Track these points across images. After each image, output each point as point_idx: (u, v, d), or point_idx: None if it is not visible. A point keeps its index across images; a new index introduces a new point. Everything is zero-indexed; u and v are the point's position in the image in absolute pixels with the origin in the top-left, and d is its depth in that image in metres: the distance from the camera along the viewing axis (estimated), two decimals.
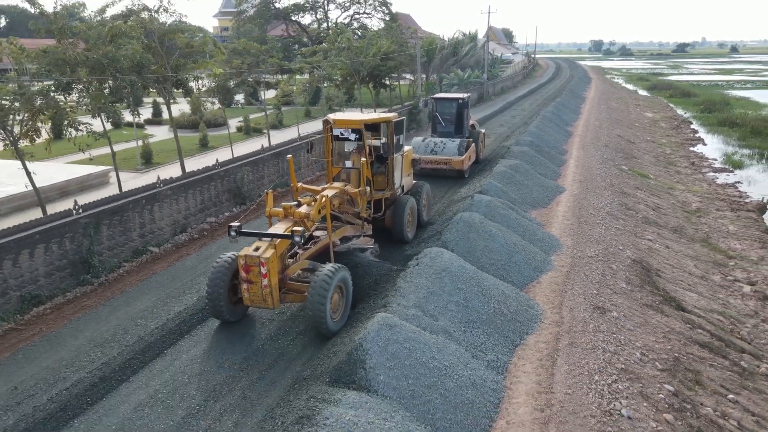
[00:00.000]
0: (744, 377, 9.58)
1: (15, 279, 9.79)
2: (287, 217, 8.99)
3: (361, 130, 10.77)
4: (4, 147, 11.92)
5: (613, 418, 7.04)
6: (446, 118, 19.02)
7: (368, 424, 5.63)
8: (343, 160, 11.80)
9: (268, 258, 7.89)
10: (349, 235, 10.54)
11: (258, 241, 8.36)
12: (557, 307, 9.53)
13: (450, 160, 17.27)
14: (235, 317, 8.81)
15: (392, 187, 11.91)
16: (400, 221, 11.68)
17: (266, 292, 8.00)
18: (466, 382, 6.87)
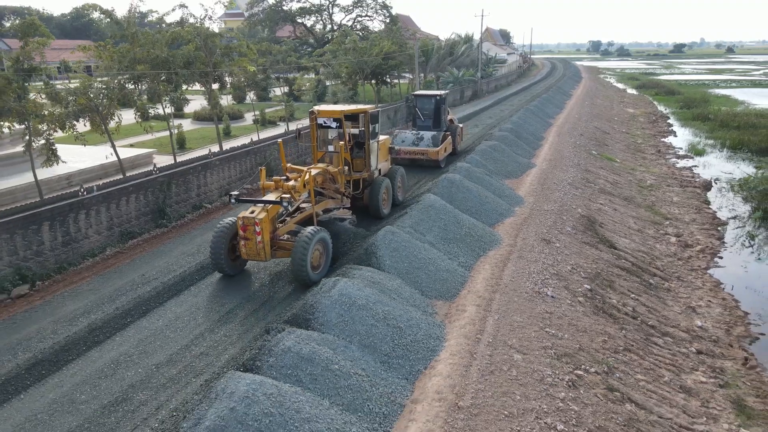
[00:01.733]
0: (649, 289, 13.17)
1: (118, 218, 13.38)
2: (277, 188, 10.64)
3: (341, 119, 12.65)
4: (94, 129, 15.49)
5: (540, 295, 10.63)
6: (425, 113, 20.51)
7: (380, 281, 9.21)
8: (326, 145, 13.37)
9: (262, 219, 9.65)
10: (331, 207, 12.39)
11: (253, 206, 10.13)
12: (513, 237, 13.12)
13: (426, 151, 18.83)
14: (234, 271, 10.67)
15: (369, 169, 13.58)
16: (376, 198, 13.43)
17: (260, 247, 9.73)
18: (442, 268, 10.48)
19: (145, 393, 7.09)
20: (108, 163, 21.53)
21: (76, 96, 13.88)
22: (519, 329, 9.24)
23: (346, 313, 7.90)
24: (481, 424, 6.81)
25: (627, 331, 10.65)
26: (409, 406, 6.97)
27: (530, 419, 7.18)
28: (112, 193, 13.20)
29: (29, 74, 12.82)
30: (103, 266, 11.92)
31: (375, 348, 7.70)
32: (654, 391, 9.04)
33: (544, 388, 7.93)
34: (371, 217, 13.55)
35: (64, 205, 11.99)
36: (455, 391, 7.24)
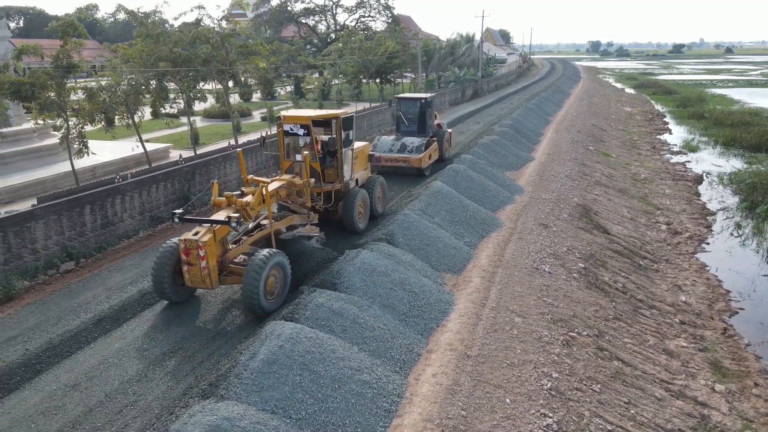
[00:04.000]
0: (639, 269, 14.28)
1: (148, 204, 14.49)
2: (230, 205, 9.32)
3: (309, 125, 11.40)
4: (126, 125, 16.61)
5: (538, 271, 11.74)
6: (409, 117, 19.30)
7: (395, 254, 10.33)
8: (296, 154, 12.04)
9: (206, 242, 8.43)
10: (296, 223, 11.15)
11: (198, 227, 8.88)
12: (514, 222, 14.23)
13: (408, 159, 17.58)
14: (180, 298, 9.32)
15: (342, 180, 12.32)
16: (350, 212, 12.15)
17: (204, 273, 8.48)
18: (450, 246, 11.59)
19: (195, 343, 8.19)
20: (128, 157, 22.65)
21: (110, 92, 14.96)
22: (519, 298, 10.35)
23: (368, 278, 9.02)
24: (487, 370, 7.92)
25: (617, 303, 11.77)
26: (425, 355, 8.08)
27: (529, 368, 8.29)
28: (144, 181, 14.30)
29: (68, 71, 13.90)
30: (139, 246, 13.02)
31: (394, 308, 8.82)
32: (639, 352, 10.15)
33: (542, 345, 9.05)
34: (346, 232, 12.44)
35: (103, 190, 13.10)
36: (464, 343, 8.35)
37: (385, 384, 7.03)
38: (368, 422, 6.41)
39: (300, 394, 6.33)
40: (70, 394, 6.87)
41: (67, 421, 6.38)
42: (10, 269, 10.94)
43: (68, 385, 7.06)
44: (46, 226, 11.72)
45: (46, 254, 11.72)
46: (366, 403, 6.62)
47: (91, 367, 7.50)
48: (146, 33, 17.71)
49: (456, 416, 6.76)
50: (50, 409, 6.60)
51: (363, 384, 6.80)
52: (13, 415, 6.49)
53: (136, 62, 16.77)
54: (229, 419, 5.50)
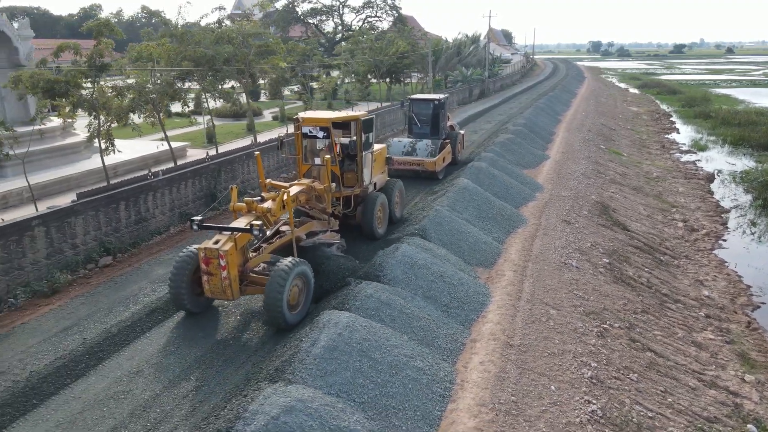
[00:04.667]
0: (660, 265, 14.53)
1: (178, 201, 14.74)
2: (250, 211, 9.01)
3: (329, 128, 10.95)
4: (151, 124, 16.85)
5: (566, 265, 12.00)
6: (422, 119, 18.91)
7: (431, 248, 10.58)
8: (314, 157, 11.75)
9: (227, 250, 8.01)
10: (316, 230, 10.69)
11: (218, 235, 8.51)
12: (537, 218, 14.48)
13: (423, 162, 17.19)
14: (198, 309, 8.90)
15: (361, 184, 11.94)
16: (369, 218, 11.72)
17: (225, 283, 8.07)
18: (480, 241, 11.85)
19: (248, 332, 8.45)
20: (147, 155, 22.90)
21: (140, 91, 15.21)
22: (551, 291, 10.60)
23: (409, 271, 9.27)
24: (530, 359, 8.18)
25: (643, 297, 12.02)
26: (469, 344, 8.33)
27: (569, 357, 8.54)
28: (174, 178, 14.55)
29: (101, 70, 14.14)
30: (171, 242, 13.27)
31: (435, 299, 9.07)
32: (670, 344, 10.41)
33: (577, 336, 9.30)
34: (364, 238, 11.96)
35: (136, 187, 13.35)
36: (506, 333, 8.60)
37: (436, 371, 7.28)
38: (426, 407, 6.66)
39: (361, 379, 6.58)
40: (135, 380, 7.13)
41: (137, 405, 6.63)
42: (52, 263, 11.20)
43: (132, 372, 7.31)
44: (85, 222, 11.97)
45: (85, 249, 11.98)
46: (422, 388, 6.87)
47: (151, 354, 7.76)
48: (170, 33, 17.96)
49: (507, 401, 7.01)
50: (118, 394, 6.85)
51: (418, 370, 7.06)
52: (84, 400, 6.74)
53: (164, 61, 17.01)
54: (302, 401, 5.75)
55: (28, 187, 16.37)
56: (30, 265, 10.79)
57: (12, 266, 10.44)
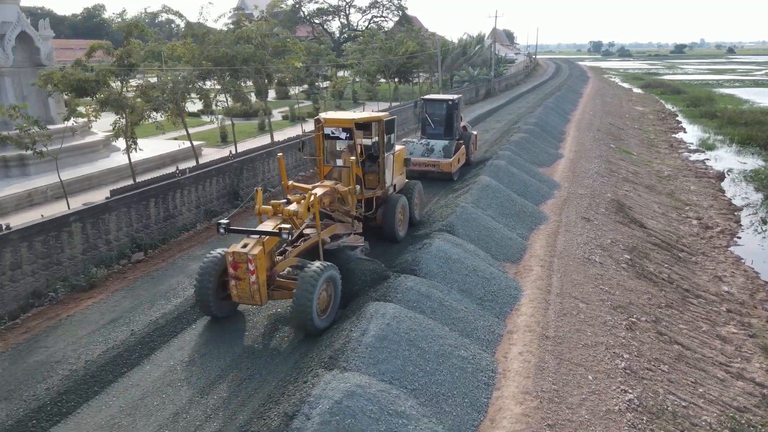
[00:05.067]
0: (678, 261, 14.76)
1: (203, 198, 14.97)
2: (276, 214, 8.92)
3: (352, 129, 10.79)
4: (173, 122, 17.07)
5: (590, 261, 12.22)
6: (436, 119, 18.67)
7: (461, 244, 10.81)
8: (335, 158, 11.70)
9: (256, 255, 7.87)
10: (340, 233, 10.49)
11: (246, 238, 8.35)
12: (557, 215, 14.71)
13: (438, 163, 16.96)
14: (224, 313, 8.77)
15: (383, 186, 11.81)
16: (391, 220, 11.54)
17: (254, 288, 7.94)
18: (506, 237, 12.09)
19: (271, 325, 8.68)
20: (165, 154, 23.15)
21: (163, 89, 15.44)
22: (578, 286, 10.83)
23: (444, 265, 9.51)
24: (566, 350, 8.40)
25: (666, 292, 12.25)
26: (506, 336, 8.56)
27: (602, 349, 8.77)
28: (200, 176, 14.78)
29: (129, 70, 14.37)
30: (199, 239, 13.49)
31: (470, 293, 9.30)
32: (695, 337, 10.63)
33: (608, 329, 9.53)
34: (384, 240, 11.75)
35: (165, 185, 13.58)
36: (540, 326, 8.83)
37: (479, 360, 7.51)
38: (473, 393, 6.89)
39: (411, 367, 6.81)
40: (189, 369, 7.35)
41: (195, 392, 6.86)
42: (87, 258, 11.42)
43: (184, 361, 7.53)
44: (118, 218, 12.20)
45: (118, 245, 12.20)
46: (468, 376, 7.10)
47: (199, 345, 7.98)
48: (192, 33, 18.18)
49: (549, 390, 7.24)
50: (174, 382, 7.07)
51: (462, 359, 7.29)
52: (143, 387, 6.97)
53: (187, 61, 17.23)
54: (361, 386, 5.98)
55: (56, 183, 16.61)
56: (67, 260, 11.02)
57: (51, 261, 10.66)
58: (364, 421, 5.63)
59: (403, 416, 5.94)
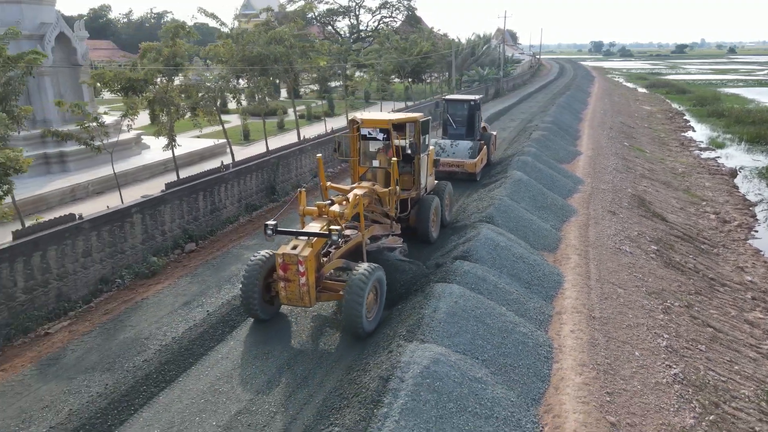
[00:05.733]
0: (702, 252, 15.37)
1: (244, 192, 15.59)
2: (321, 215, 8.92)
3: (389, 129, 10.81)
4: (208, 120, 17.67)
5: (620, 251, 12.83)
6: (457, 120, 18.66)
7: (502, 233, 11.42)
8: (369, 159, 11.74)
9: (307, 256, 7.84)
10: (378, 234, 10.50)
11: (294, 240, 8.33)
12: (585, 208, 15.32)
13: (463, 163, 16.95)
14: (268, 315, 8.74)
15: (418, 187, 11.89)
16: (425, 221, 11.57)
17: (304, 290, 7.89)
18: (541, 228, 12.71)
19: None
20: (194, 151, 23.76)
21: (207, 89, 16.06)
22: (614, 273, 11.44)
23: (493, 252, 10.12)
24: (612, 329, 9.02)
25: (694, 281, 12.86)
26: (556, 316, 9.17)
27: (643, 330, 9.38)
28: (241, 171, 15.40)
29: (175, 69, 14.98)
30: (244, 231, 14.10)
31: (518, 277, 9.91)
32: (726, 321, 11.24)
33: (646, 312, 10.14)
34: (418, 241, 11.69)
35: (212, 179, 14.19)
36: (586, 307, 9.44)
37: (537, 337, 8.12)
38: (536, 365, 7.50)
39: (479, 341, 7.42)
40: (271, 343, 7.97)
41: (281, 364, 7.47)
42: (146, 248, 12.05)
43: (265, 338, 8.15)
44: (172, 210, 12.82)
45: (172, 235, 12.82)
46: (529, 350, 7.71)
47: (275, 323, 8.59)
48: (226, 34, 18.79)
49: (603, 363, 7.85)
50: (260, 355, 7.69)
51: (523, 335, 7.90)
52: (232, 359, 7.59)
53: (225, 60, 17.83)
54: (442, 355, 6.59)
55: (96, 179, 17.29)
56: (129, 249, 11.64)
57: (116, 250, 11.28)
58: (449, 384, 6.24)
59: (480, 382, 6.56)
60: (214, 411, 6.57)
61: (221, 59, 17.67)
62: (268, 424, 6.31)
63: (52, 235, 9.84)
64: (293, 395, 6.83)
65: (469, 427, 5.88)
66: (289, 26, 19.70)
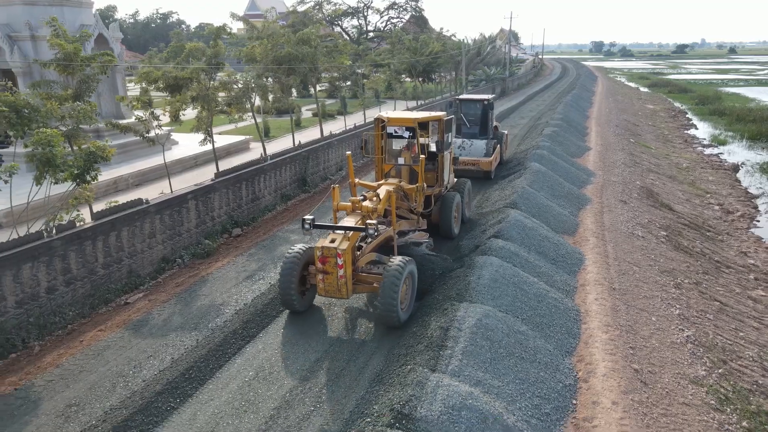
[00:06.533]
0: (708, 238, 16.46)
1: (279, 183, 16.69)
2: (354, 210, 9.37)
3: (415, 128, 11.15)
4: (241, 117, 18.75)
5: (633, 235, 13.93)
6: (471, 119, 19.11)
7: (525, 216, 12.52)
8: (394, 157, 12.10)
9: (345, 249, 8.19)
10: (405, 229, 10.81)
11: (332, 234, 8.68)
12: (599, 198, 16.42)
13: (478, 161, 17.45)
14: (303, 308, 9.08)
15: (441, 184, 12.30)
16: (448, 217, 11.98)
17: (341, 282, 8.24)
18: (560, 213, 13.81)
19: None
20: (220, 147, 24.82)
21: (243, 86, 17.17)
22: (629, 253, 12.53)
23: (522, 232, 11.22)
24: (630, 299, 10.11)
25: (701, 263, 13.95)
26: (580, 288, 10.27)
27: (658, 301, 10.48)
28: (278, 162, 16.52)
29: (216, 68, 16.08)
30: (282, 218, 15.20)
31: (545, 254, 11.01)
32: (731, 297, 12.33)
33: (659, 286, 11.24)
34: (440, 237, 12.18)
35: (253, 170, 15.30)
36: (606, 281, 10.54)
37: (566, 303, 9.22)
38: (567, 325, 8.60)
39: (518, 303, 8.52)
40: (330, 310, 9.06)
41: (333, 338, 8.58)
42: (199, 231, 13.16)
43: (323, 308, 9.24)
44: (220, 198, 13.93)
45: (220, 221, 13.93)
46: (561, 313, 8.81)
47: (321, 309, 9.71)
48: (257, 36, 19.89)
49: (625, 325, 8.94)
50: (322, 320, 8.78)
51: (555, 300, 9.00)
52: (304, 319, 8.69)
53: (259, 60, 18.93)
54: (490, 312, 7.69)
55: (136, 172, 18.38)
56: (185, 233, 12.75)
57: (174, 233, 12.39)
58: (498, 334, 7.34)
59: (523, 334, 7.66)
60: (295, 359, 7.67)
61: (256, 59, 18.74)
62: (349, 362, 7.42)
63: (125, 216, 10.95)
64: (366, 343, 7.92)
65: (518, 368, 6.98)
66: (315, 27, 20.75)
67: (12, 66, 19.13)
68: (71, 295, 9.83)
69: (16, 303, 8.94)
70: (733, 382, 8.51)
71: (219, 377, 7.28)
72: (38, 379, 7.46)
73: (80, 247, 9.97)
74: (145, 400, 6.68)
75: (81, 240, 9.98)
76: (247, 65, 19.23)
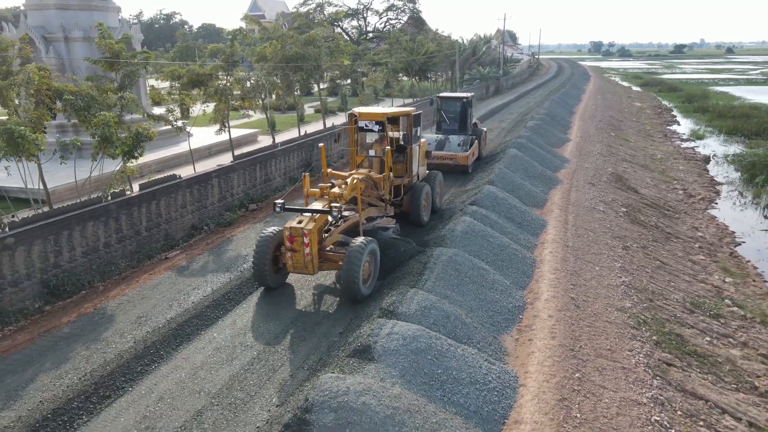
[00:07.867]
0: (665, 216, 18.69)
1: (287, 167, 18.93)
2: (323, 196, 10.33)
3: (384, 122, 12.02)
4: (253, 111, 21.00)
5: (595, 209, 16.17)
6: (451, 116, 19.97)
7: (500, 190, 14.75)
8: (366, 149, 12.89)
9: (311, 229, 9.02)
10: (373, 215, 11.68)
11: (300, 216, 9.59)
12: (569, 180, 18.65)
13: (455, 156, 18.30)
14: (277, 284, 10.01)
15: (410, 175, 13.02)
16: (417, 205, 12.82)
17: (308, 259, 9.08)
18: (531, 191, 16.06)
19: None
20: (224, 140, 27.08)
21: (256, 83, 19.41)
22: (588, 222, 14.77)
23: (494, 201, 13.47)
24: (580, 254, 12.34)
25: (653, 233, 16.19)
26: (539, 245, 12.50)
27: (604, 257, 12.71)
28: (287, 149, 18.76)
29: (233, 66, 18.31)
30: (290, 198, 17.36)
31: (513, 219, 13.25)
32: (672, 258, 14.57)
33: (609, 247, 13.47)
34: (411, 225, 13.08)
35: (267, 154, 17.53)
36: (562, 240, 12.77)
37: (525, 253, 11.46)
38: (523, 268, 10.83)
39: (484, 250, 10.76)
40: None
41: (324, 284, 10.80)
42: (221, 205, 15.39)
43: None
44: (238, 177, 16.16)
45: (238, 197, 16.17)
46: (519, 259, 11.05)
47: None
48: (268, 36, 22.11)
49: (571, 270, 11.17)
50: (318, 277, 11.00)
51: (515, 250, 11.24)
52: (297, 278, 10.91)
53: (270, 59, 21.16)
54: (458, 253, 9.92)
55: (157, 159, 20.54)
56: (210, 206, 14.98)
57: (201, 205, 14.62)
58: (465, 267, 9.59)
59: (486, 270, 9.90)
60: (291, 302, 9.91)
61: (266, 58, 20.97)
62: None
63: (162, 189, 13.19)
64: None
65: (479, 292, 9.22)
66: (320, 29, 22.97)
67: (48, 64, 21.38)
68: (122, 250, 12.07)
69: (83, 253, 11.18)
70: (653, 313, 10.74)
71: (251, 300, 9.52)
72: (110, 303, 9.71)
73: (129, 211, 12.21)
74: (197, 311, 8.96)
75: (130, 206, 12.22)
76: (257, 63, 21.43)
